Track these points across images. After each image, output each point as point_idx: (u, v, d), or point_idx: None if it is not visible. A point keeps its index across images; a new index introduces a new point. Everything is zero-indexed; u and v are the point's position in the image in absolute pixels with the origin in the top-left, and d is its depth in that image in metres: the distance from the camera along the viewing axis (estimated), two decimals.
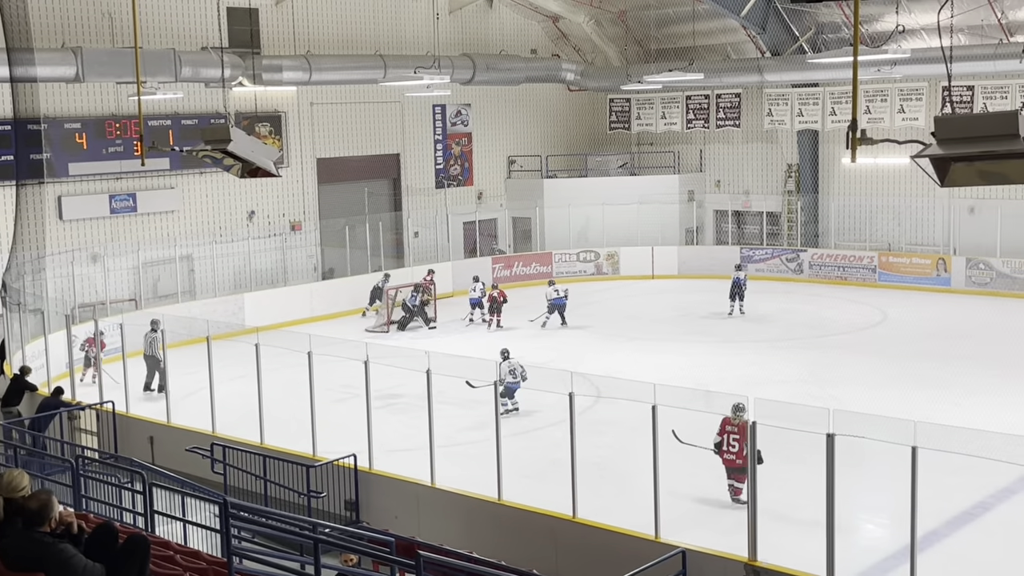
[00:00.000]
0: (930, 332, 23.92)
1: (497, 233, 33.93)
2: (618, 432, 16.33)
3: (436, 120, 32.53)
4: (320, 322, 26.28)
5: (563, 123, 35.98)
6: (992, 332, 23.77)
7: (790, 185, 32.89)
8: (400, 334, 25.35)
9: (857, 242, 31.51)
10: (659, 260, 32.38)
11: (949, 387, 18.86)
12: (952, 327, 24.38)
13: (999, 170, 7.00)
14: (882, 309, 26.77)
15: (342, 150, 30.06)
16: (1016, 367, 20.30)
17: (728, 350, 22.87)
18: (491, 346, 23.37)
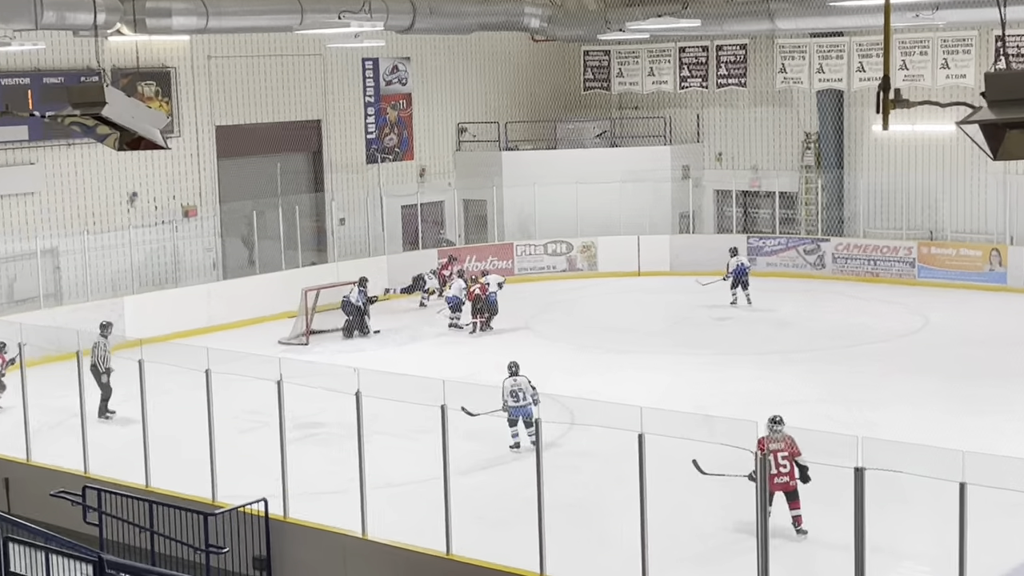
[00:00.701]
0: (982, 340, 24.15)
1: (444, 220, 33.90)
2: (597, 467, 16.32)
3: (367, 78, 32.46)
4: (221, 332, 26.09)
5: (526, 82, 36.03)
6: None
7: (808, 159, 33.12)
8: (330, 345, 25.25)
9: (892, 230, 31.79)
10: (647, 253, 32.48)
11: (1006, 409, 19.04)
12: (1009, 334, 24.61)
13: None
14: (923, 312, 27.00)
15: (248, 116, 29.92)
16: None
17: (733, 364, 22.97)
18: (439, 359, 23.38)
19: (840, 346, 24.09)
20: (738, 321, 26.90)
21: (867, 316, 26.91)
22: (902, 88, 32.28)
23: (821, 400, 19.86)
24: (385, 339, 25.86)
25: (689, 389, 20.62)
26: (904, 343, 24.46)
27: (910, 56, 30.21)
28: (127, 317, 25.14)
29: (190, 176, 28.86)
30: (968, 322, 26.01)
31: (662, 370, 22.55)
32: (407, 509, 14.70)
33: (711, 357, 23.58)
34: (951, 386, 20.58)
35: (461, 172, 34.43)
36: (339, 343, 25.63)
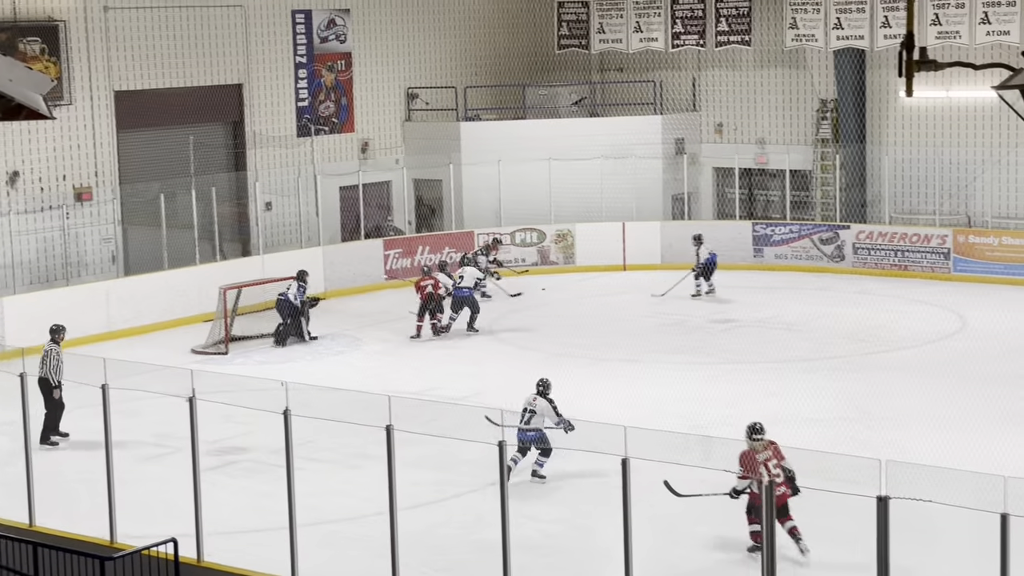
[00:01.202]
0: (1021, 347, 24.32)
1: (392, 204, 33.85)
2: (573, 498, 16.34)
3: (297, 34, 32.37)
4: (122, 339, 25.99)
5: (489, 39, 36.01)
6: None
7: (824, 131, 33.28)
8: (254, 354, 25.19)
9: (923, 215, 31.99)
10: (634, 243, 32.56)
11: None
12: None
13: None
14: (959, 312, 27.17)
15: (154, 79, 29.79)
16: None
17: (734, 376, 23.03)
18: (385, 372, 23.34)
19: (861, 353, 24.18)
20: (741, 324, 26.97)
21: (893, 317, 27.03)
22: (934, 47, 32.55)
23: (840, 418, 19.93)
24: (322, 347, 25.80)
25: (683, 405, 20.65)
26: (937, 349, 24.57)
27: (944, 9, 30.38)
28: (6, 321, 24.99)
29: (83, 152, 28.68)
30: (1012, 324, 26.15)
31: (651, 383, 22.58)
32: (345, 550, 14.66)
33: (709, 367, 23.63)
34: (991, 400, 20.67)
35: (411, 147, 34.40)
36: (267, 352, 25.53)
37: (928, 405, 20.49)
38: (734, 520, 13.93)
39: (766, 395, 21.54)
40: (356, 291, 30.24)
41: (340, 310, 28.58)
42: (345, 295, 29.74)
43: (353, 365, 24.42)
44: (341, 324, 27.33)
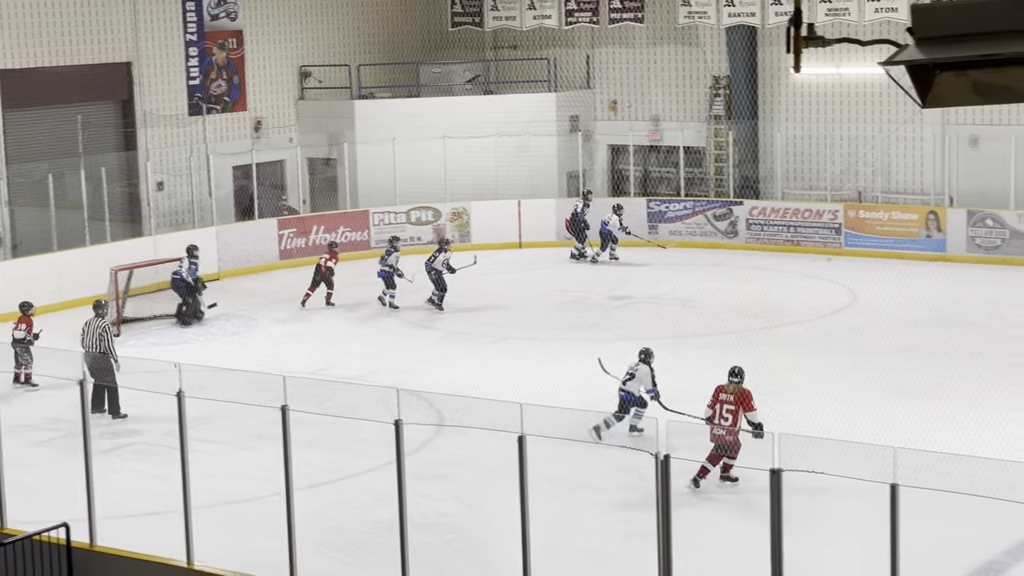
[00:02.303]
0: (917, 319, 24.67)
1: (286, 183, 33.65)
2: (470, 477, 16.41)
3: (187, 11, 32.03)
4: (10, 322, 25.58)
5: (382, 17, 35.88)
6: (1006, 318, 24.69)
7: (718, 108, 33.53)
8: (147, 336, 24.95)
9: (815, 191, 32.35)
10: (529, 220, 32.62)
11: (944, 398, 19.52)
12: (948, 311, 25.19)
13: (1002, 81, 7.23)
14: (850, 287, 27.54)
15: (40, 57, 29.36)
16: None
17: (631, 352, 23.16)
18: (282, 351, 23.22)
19: (755, 328, 24.45)
20: (637, 301, 27.15)
21: (786, 292, 27.37)
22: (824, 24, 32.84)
23: None
24: (216, 328, 25.63)
25: (580, 382, 20.74)
26: (828, 323, 24.91)
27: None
28: None
29: None
30: (902, 297, 26.54)
31: (550, 360, 22.64)
32: (242, 532, 14.59)
33: (606, 344, 23.74)
34: (881, 372, 20.99)
35: (305, 125, 34.21)
36: (160, 333, 25.33)
37: (820, 379, 20.77)
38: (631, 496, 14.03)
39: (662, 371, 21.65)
40: (250, 271, 30.06)
41: (234, 290, 28.41)
42: (239, 275, 29.56)
43: (248, 346, 24.32)
44: (235, 304, 27.16)
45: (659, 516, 10.89)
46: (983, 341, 23.04)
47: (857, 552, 13.75)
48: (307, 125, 34.18)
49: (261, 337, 25.11)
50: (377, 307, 26.67)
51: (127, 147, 30.98)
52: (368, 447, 16.54)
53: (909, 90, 7.51)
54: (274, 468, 12.95)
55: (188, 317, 25.81)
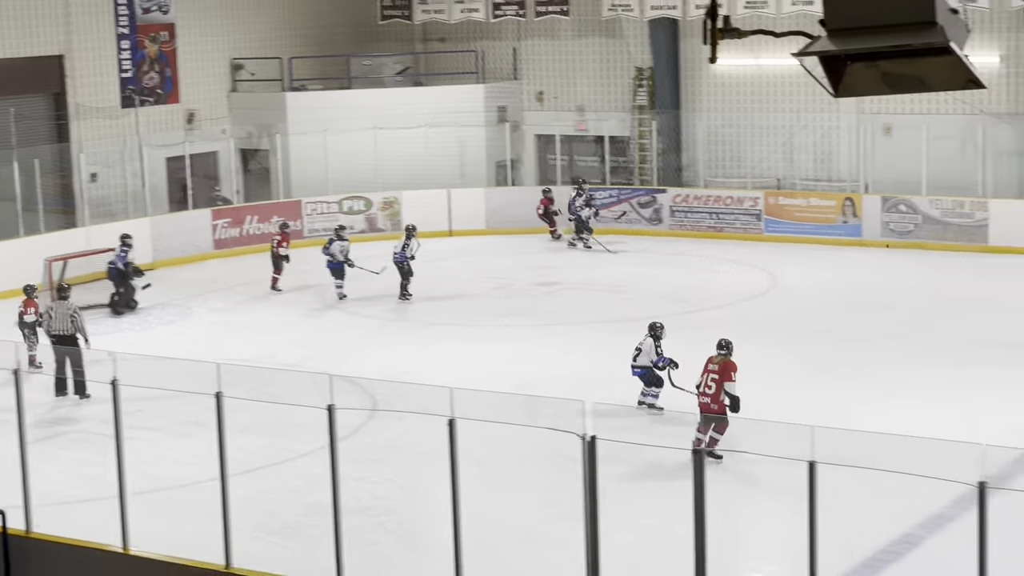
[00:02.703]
0: (834, 302, 24.93)
1: (219, 173, 33.45)
2: (403, 461, 16.38)
3: (119, 4, 31.72)
4: None
5: (313, 9, 35.71)
6: (917, 299, 24.98)
7: (641, 98, 33.64)
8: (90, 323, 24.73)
9: (735, 179, 32.55)
10: (459, 209, 32.61)
11: (862, 379, 19.71)
12: (864, 294, 25.46)
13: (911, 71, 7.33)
14: (770, 271, 27.74)
15: None
16: (950, 349, 21.43)
17: (561, 335, 23.26)
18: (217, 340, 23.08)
19: (679, 312, 24.53)
20: (565, 286, 27.23)
21: (708, 277, 27.54)
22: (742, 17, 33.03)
23: None
24: (151, 317, 25.44)
25: (510, 365, 20.80)
26: (749, 306, 25.09)
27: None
28: None
29: None
30: (820, 281, 26.82)
31: (479, 344, 22.69)
32: (178, 517, 14.50)
33: (535, 329, 23.83)
34: (800, 354, 21.19)
35: (237, 117, 34.01)
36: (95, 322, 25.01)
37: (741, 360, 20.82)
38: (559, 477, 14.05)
39: (589, 354, 21.79)
40: (185, 261, 29.85)
41: (169, 279, 28.18)
42: (174, 265, 29.33)
43: (183, 334, 24.15)
44: (170, 294, 26.95)
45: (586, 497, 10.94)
46: (898, 323, 23.31)
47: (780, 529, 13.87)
48: (240, 117, 33.98)
49: (196, 325, 24.94)
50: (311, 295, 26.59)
51: (60, 139, 30.65)
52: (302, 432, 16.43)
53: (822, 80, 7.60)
54: (209, 454, 12.87)
55: (120, 307, 25.56)
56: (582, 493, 10.90)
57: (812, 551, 10.15)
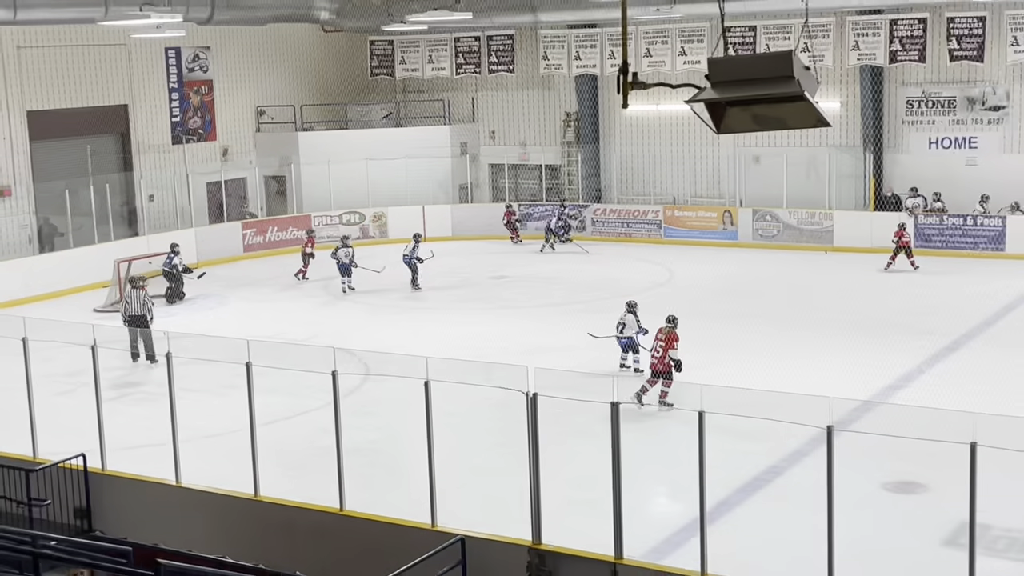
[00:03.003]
0: (718, 289, 25.07)
1: (247, 194, 33.23)
2: (389, 413, 16.37)
3: (170, 66, 31.46)
4: (39, 302, 25.05)
5: (318, 69, 35.51)
6: (781, 287, 25.16)
7: (569, 135, 33.67)
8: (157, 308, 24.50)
9: (641, 196, 32.65)
10: (431, 221, 32.55)
11: (737, 348, 19.83)
12: (740, 283, 25.62)
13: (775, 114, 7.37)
14: (668, 267, 27.85)
15: (58, 101, 28.64)
16: (805, 324, 21.58)
17: (509, 317, 23.28)
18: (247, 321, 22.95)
19: (600, 298, 24.62)
20: (512, 280, 27.23)
21: (622, 271, 27.61)
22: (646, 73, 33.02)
23: (585, 346, 20.26)
24: (197, 305, 25.26)
25: (472, 340, 20.79)
26: (653, 294, 25.15)
27: (653, 45, 30.94)
28: None
29: (3, 158, 27.45)
30: (707, 274, 26.95)
31: (448, 323, 22.68)
32: (217, 458, 14.45)
33: (489, 312, 23.83)
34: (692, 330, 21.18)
35: (261, 151, 33.76)
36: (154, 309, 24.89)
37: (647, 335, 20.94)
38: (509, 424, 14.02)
39: (532, 331, 21.81)
40: (221, 261, 29.60)
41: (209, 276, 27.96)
42: (212, 264, 29.10)
43: (221, 318, 24.00)
44: (210, 287, 26.75)
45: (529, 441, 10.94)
46: (766, 306, 23.45)
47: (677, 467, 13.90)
48: (263, 151, 33.73)
49: (230, 311, 24.78)
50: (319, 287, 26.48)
51: (125, 169, 30.35)
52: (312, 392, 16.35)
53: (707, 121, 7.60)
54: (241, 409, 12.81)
55: (173, 298, 25.37)
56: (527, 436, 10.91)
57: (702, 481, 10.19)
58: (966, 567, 9.25)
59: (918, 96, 29.34)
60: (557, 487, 12.42)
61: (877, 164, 29.71)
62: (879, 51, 28.73)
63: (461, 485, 13.21)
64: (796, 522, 12.22)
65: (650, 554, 11.57)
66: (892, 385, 17.36)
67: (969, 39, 27.94)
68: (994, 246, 27.56)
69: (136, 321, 20.34)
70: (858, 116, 29.84)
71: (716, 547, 10.29)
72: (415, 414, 11.80)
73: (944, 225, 27.76)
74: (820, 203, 29.76)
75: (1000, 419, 9.84)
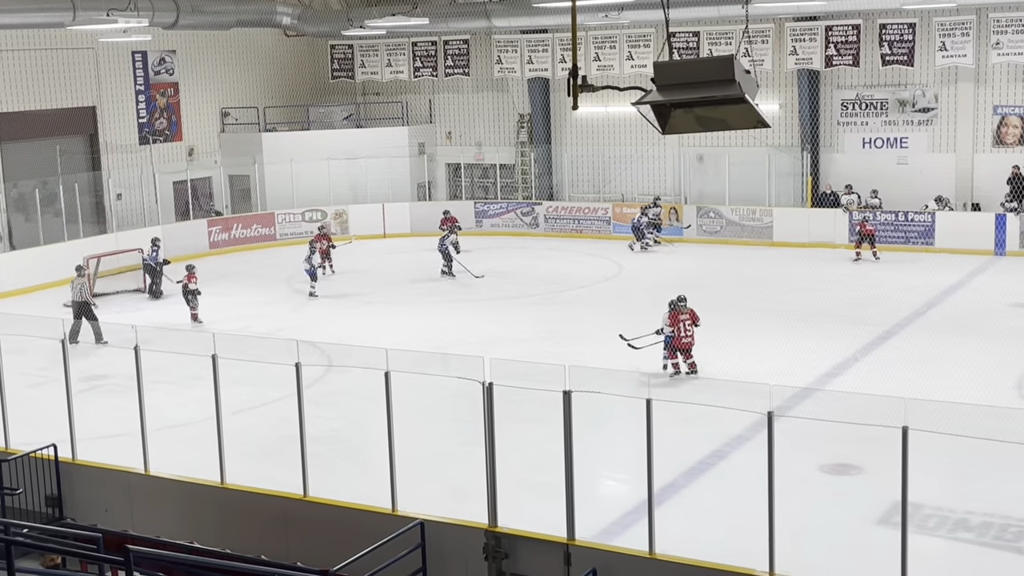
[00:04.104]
0: (664, 283, 25.09)
1: (213, 193, 32.96)
2: (351, 403, 16.30)
3: (137, 69, 31.12)
4: (10, 298, 24.72)
5: (281, 72, 35.27)
6: (724, 280, 25.29)
7: (523, 136, 33.67)
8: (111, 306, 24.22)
9: (591, 194, 32.72)
10: (391, 218, 32.46)
11: None
12: (685, 277, 25.70)
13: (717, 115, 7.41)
14: (617, 261, 27.93)
15: (28, 103, 28.27)
16: (747, 315, 21.71)
17: (466, 310, 23.24)
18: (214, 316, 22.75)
19: (553, 291, 24.69)
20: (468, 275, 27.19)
21: (573, 266, 27.67)
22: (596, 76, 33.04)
23: (538, 337, 20.31)
24: (162, 300, 25.03)
25: (430, 333, 20.75)
26: (603, 288, 25.27)
27: (602, 49, 31.00)
28: None
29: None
30: (653, 267, 27.06)
31: (407, 316, 22.62)
32: (185, 447, 14.31)
33: (446, 305, 23.78)
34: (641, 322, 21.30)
35: (226, 151, 33.48)
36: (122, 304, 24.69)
37: (598, 327, 21.05)
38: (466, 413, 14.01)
39: (487, 322, 21.81)
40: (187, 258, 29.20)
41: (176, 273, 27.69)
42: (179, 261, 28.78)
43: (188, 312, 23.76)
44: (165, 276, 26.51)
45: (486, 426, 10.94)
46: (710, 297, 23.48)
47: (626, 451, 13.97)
48: (228, 151, 33.45)
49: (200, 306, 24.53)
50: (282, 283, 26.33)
51: (94, 168, 30.01)
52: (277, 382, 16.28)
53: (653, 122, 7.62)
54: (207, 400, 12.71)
55: (155, 293, 25.14)
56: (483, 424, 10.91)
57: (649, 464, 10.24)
58: (899, 544, 9.36)
59: (852, 99, 29.63)
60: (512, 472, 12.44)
61: (814, 163, 29.96)
62: (816, 56, 28.99)
63: (420, 471, 13.18)
64: (739, 503, 12.31)
65: (601, 535, 11.62)
66: (829, 372, 17.52)
67: (900, 44, 28.26)
68: (924, 240, 27.90)
69: (79, 307, 20.72)
70: (796, 117, 30.08)
71: (663, 527, 10.34)
72: (376, 403, 11.76)
73: (877, 221, 28.04)
74: (760, 200, 29.97)
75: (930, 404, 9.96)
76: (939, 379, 16.62)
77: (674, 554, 10.20)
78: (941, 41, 27.72)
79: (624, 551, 10.57)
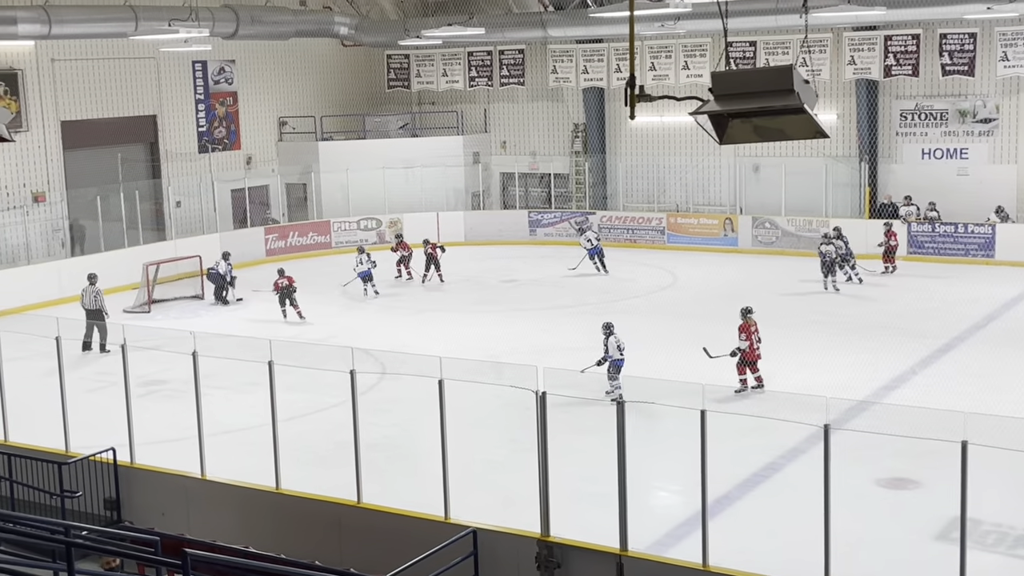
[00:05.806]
0: (719, 294, 24.97)
1: (269, 201, 33.28)
2: (404, 410, 16.34)
3: (197, 78, 31.53)
4: (71, 303, 25.06)
5: (338, 81, 35.55)
6: (779, 291, 25.06)
7: (577, 145, 33.65)
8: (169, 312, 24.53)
9: (645, 204, 32.60)
10: (445, 227, 32.53)
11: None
12: (740, 287, 25.50)
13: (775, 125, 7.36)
14: (672, 271, 27.80)
15: (90, 112, 28.74)
16: (803, 327, 21.51)
17: (519, 318, 23.24)
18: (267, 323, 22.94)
19: (607, 300, 24.61)
20: (522, 283, 27.20)
21: (627, 275, 27.55)
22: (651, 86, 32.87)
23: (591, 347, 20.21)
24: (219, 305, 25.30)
25: (483, 341, 20.77)
26: (657, 297, 25.15)
27: (658, 59, 30.92)
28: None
29: (38, 166, 27.57)
30: (708, 278, 26.89)
31: (461, 325, 22.66)
32: (240, 452, 14.44)
33: (500, 314, 23.80)
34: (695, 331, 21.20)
35: (283, 159, 33.79)
36: (181, 309, 25.00)
37: (652, 336, 20.94)
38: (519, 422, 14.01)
39: (540, 331, 21.78)
40: (243, 265, 29.56)
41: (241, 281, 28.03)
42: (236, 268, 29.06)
43: (245, 318, 24.03)
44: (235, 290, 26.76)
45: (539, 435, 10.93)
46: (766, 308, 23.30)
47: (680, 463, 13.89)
48: (285, 159, 33.77)
49: (254, 312, 24.80)
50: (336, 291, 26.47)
51: (154, 176, 30.43)
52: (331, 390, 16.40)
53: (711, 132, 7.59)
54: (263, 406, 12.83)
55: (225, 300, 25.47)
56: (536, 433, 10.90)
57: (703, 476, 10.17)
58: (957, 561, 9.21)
59: (911, 109, 29.28)
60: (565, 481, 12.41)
61: (872, 174, 29.63)
62: (874, 65, 28.69)
63: (473, 479, 13.20)
64: (794, 516, 12.17)
65: (654, 546, 11.55)
66: (887, 385, 17.30)
67: (960, 54, 27.88)
68: (984, 253, 27.47)
69: (92, 315, 20.86)
70: (854, 128, 29.77)
71: (717, 539, 10.26)
72: (429, 411, 11.80)
73: (936, 232, 27.65)
74: (817, 211, 29.69)
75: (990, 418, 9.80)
76: (999, 393, 16.35)
77: (727, 567, 10.11)
78: (1003, 51, 27.32)
79: (677, 563, 10.50)
